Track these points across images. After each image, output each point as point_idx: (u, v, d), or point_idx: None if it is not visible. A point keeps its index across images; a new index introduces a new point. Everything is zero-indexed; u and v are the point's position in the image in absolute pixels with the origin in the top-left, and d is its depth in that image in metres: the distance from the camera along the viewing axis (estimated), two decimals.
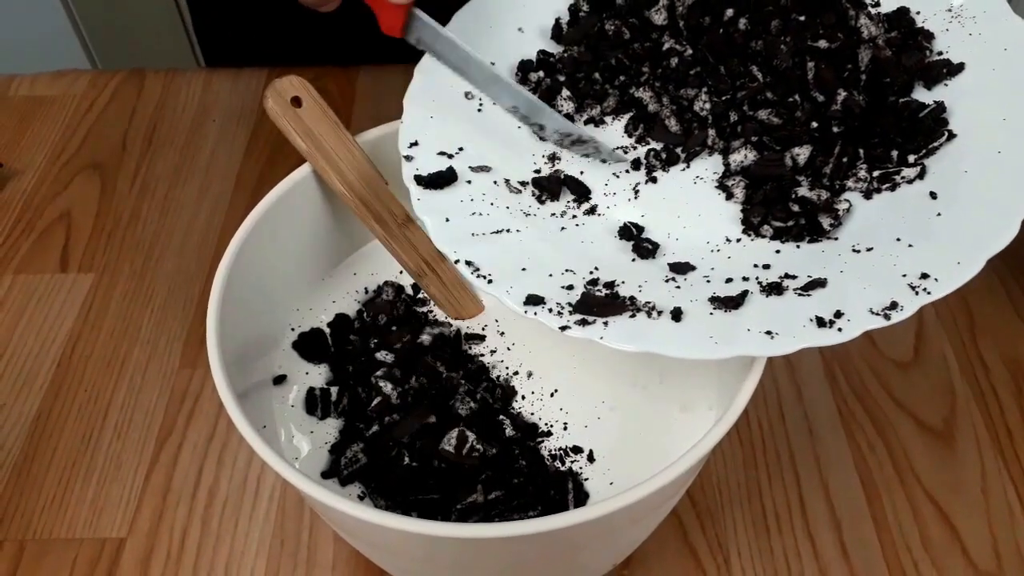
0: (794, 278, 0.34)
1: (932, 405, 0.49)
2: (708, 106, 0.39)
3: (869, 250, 0.33)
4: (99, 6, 1.09)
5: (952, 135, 0.36)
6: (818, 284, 0.33)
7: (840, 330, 0.30)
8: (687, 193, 0.38)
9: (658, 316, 0.33)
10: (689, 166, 0.39)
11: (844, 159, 0.36)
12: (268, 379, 0.40)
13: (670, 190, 0.39)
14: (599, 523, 0.30)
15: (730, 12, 0.40)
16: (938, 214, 0.33)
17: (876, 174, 0.36)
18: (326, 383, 0.41)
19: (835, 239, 0.35)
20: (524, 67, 0.42)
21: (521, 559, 0.34)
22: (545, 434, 0.38)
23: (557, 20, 0.44)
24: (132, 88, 0.71)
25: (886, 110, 0.37)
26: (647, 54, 0.41)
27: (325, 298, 0.44)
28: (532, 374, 0.41)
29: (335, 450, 0.38)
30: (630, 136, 0.40)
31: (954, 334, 0.52)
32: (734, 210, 0.37)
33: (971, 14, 0.39)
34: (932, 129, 0.36)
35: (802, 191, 0.36)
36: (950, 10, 0.40)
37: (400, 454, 0.37)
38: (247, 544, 0.44)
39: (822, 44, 0.38)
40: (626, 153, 0.40)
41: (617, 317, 0.33)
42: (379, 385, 0.38)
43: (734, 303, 0.33)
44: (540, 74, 0.42)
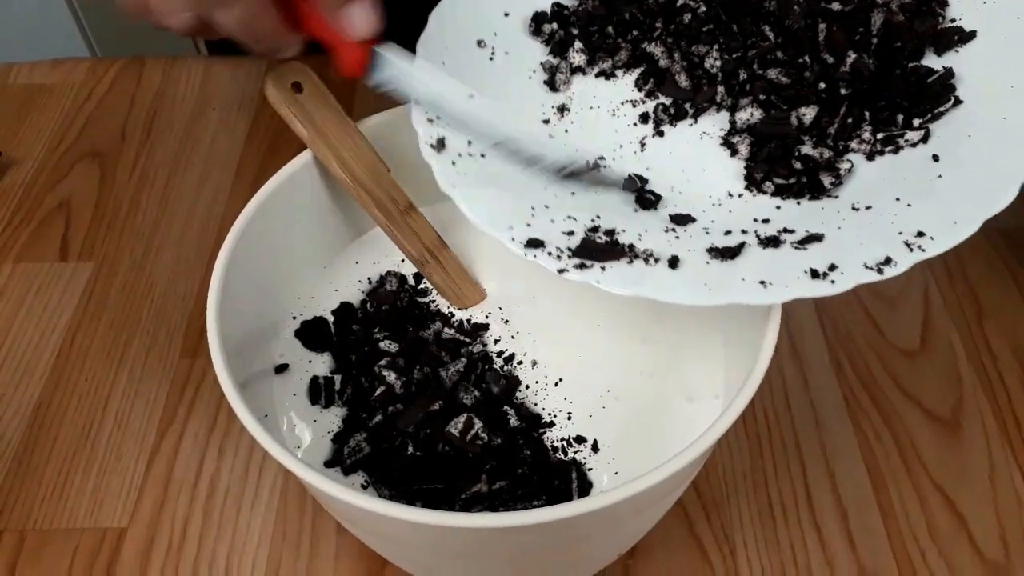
0: (792, 232, 0.34)
1: (939, 394, 0.49)
2: (719, 63, 0.39)
3: (868, 208, 0.34)
4: None
5: (959, 101, 0.36)
6: (815, 238, 0.33)
7: (833, 282, 0.31)
8: (692, 148, 0.39)
9: (655, 263, 0.33)
10: (696, 122, 0.39)
11: (849, 120, 0.36)
12: (270, 368, 0.40)
13: (676, 144, 0.39)
14: (604, 513, 0.30)
15: None
16: (939, 176, 0.34)
17: (880, 136, 0.36)
18: (329, 372, 0.40)
19: (835, 197, 0.35)
20: (538, 19, 0.42)
21: (525, 549, 0.33)
22: (548, 424, 0.38)
23: None
24: (131, 76, 0.71)
25: (894, 74, 0.37)
26: (661, 10, 0.41)
27: (327, 286, 0.43)
28: (536, 363, 0.40)
29: (338, 439, 0.38)
30: (640, 90, 0.41)
31: (961, 322, 0.52)
32: (738, 166, 0.38)
33: None
34: (939, 94, 0.36)
35: (805, 149, 0.36)
36: None
37: (404, 444, 0.36)
38: (249, 534, 0.44)
39: (835, 6, 0.39)
40: (634, 107, 0.40)
41: (615, 263, 0.33)
42: (383, 374, 0.38)
43: (731, 253, 0.33)
44: (554, 26, 0.42)
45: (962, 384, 0.49)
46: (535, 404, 0.39)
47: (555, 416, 0.38)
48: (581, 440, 0.38)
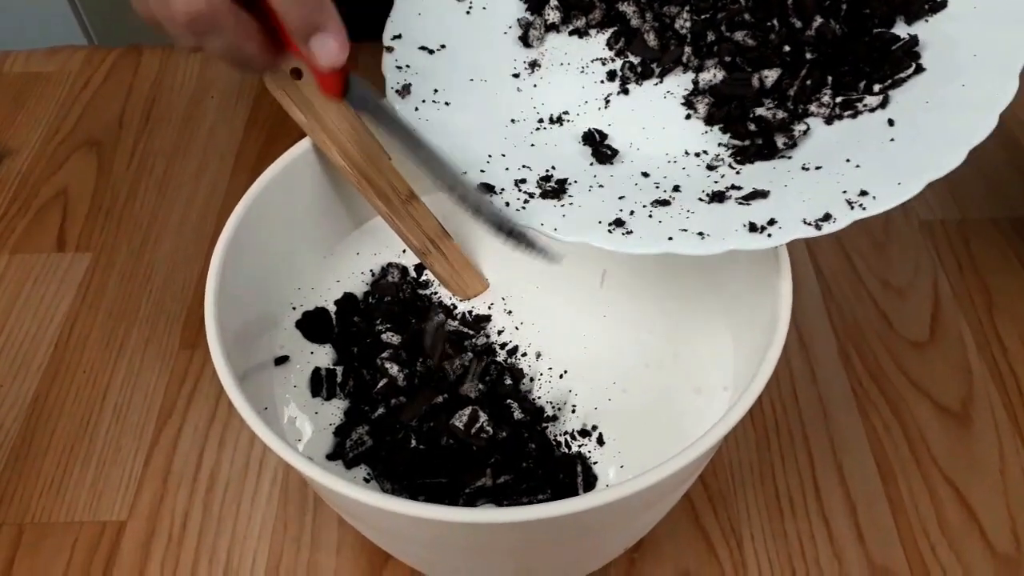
0: (739, 189, 0.35)
1: (949, 385, 0.48)
2: (688, 24, 0.40)
3: (818, 168, 0.34)
4: None
5: (921, 68, 0.36)
6: (759, 195, 0.33)
7: (770, 235, 0.31)
8: (655, 106, 0.40)
9: (602, 213, 0.34)
10: (662, 81, 0.40)
11: (808, 82, 0.37)
12: (270, 360, 0.39)
13: (639, 103, 0.40)
14: (610, 508, 0.29)
15: None
16: (891, 139, 0.34)
17: (839, 100, 0.36)
18: (330, 364, 0.40)
19: (788, 158, 0.36)
20: None
21: (529, 544, 0.33)
22: (553, 417, 0.37)
23: None
24: (129, 64, 0.70)
25: (859, 40, 0.37)
26: None
27: (328, 277, 0.43)
28: (541, 355, 0.40)
29: (340, 432, 0.37)
30: (611, 49, 0.42)
31: (971, 313, 0.51)
32: (697, 125, 0.38)
33: None
34: (900, 60, 0.36)
35: (760, 111, 0.37)
36: None
37: (407, 437, 0.36)
38: (249, 527, 0.43)
39: None
40: (603, 64, 0.41)
41: (560, 210, 0.34)
42: (385, 367, 0.37)
43: (664, 205, 0.34)
44: None
45: (972, 376, 0.48)
46: (539, 397, 0.38)
47: (560, 409, 0.38)
48: (586, 433, 0.37)
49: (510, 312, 0.41)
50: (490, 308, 0.42)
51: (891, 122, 0.35)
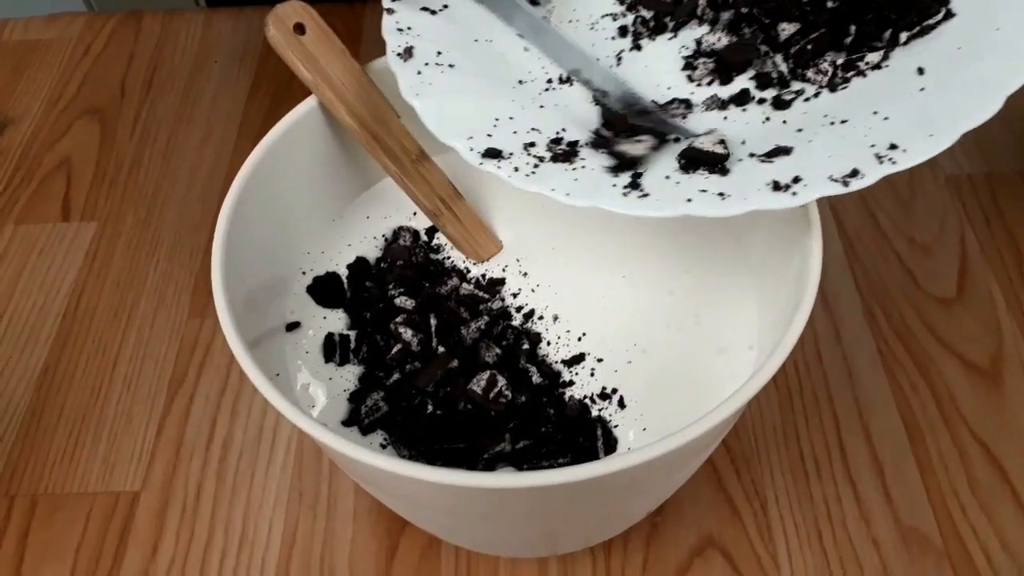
0: (760, 146, 0.33)
1: (978, 343, 0.47)
2: None
3: (844, 122, 0.32)
4: None
5: (951, 14, 0.34)
6: (783, 151, 0.32)
7: (795, 194, 0.30)
8: (669, 62, 0.37)
9: (615, 176, 0.32)
10: (676, 35, 0.38)
11: (809, 47, 0.35)
12: (281, 326, 0.38)
13: (653, 59, 0.38)
14: (632, 472, 0.28)
15: None
16: (921, 89, 0.32)
17: (840, 62, 0.34)
18: (343, 329, 0.39)
19: (804, 114, 0.34)
20: None
21: (549, 509, 0.32)
22: (570, 382, 0.36)
23: None
24: (129, 30, 0.68)
25: None
26: None
27: (338, 241, 0.41)
28: (558, 317, 0.38)
29: (354, 398, 0.36)
30: (621, 3, 0.40)
31: (999, 269, 0.50)
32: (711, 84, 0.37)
33: None
34: (928, 6, 0.34)
35: (769, 68, 0.35)
36: None
37: (423, 402, 0.35)
38: (264, 496, 0.43)
39: None
40: (614, 20, 0.39)
41: (572, 172, 0.32)
42: (399, 332, 0.36)
43: (688, 166, 0.32)
44: None
45: (1002, 333, 0.47)
46: (557, 361, 0.37)
47: (578, 372, 0.37)
48: (606, 396, 0.36)
49: (525, 274, 0.40)
50: (504, 270, 0.40)
51: (920, 70, 0.33)
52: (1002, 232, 0.51)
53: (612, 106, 0.36)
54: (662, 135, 0.34)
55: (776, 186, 0.30)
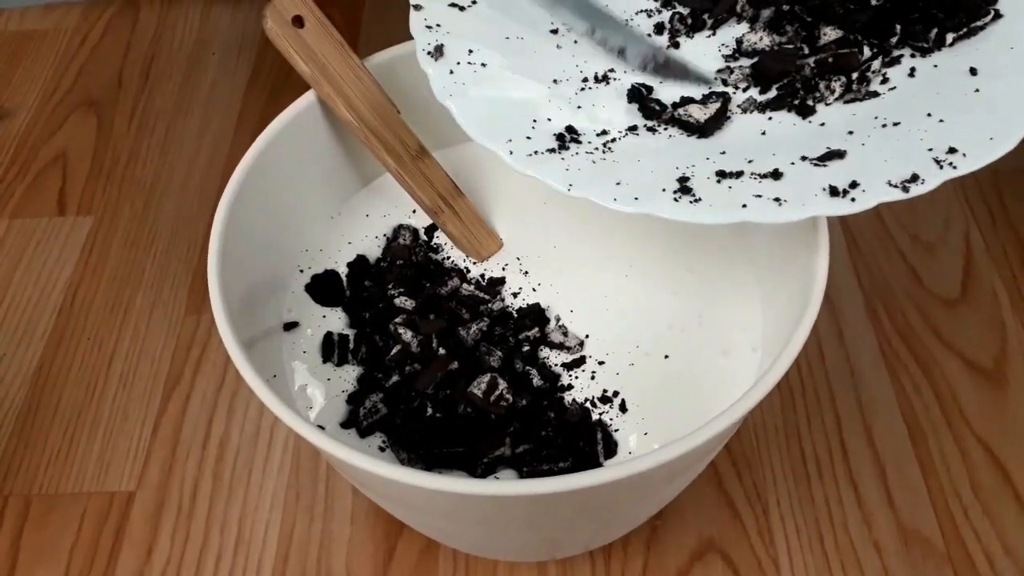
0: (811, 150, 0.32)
1: (981, 343, 0.46)
2: None
3: (896, 125, 0.31)
4: None
5: (999, 15, 0.33)
6: (836, 155, 0.31)
7: (854, 200, 0.29)
8: (709, 62, 0.36)
9: (664, 181, 0.31)
10: (715, 33, 0.37)
11: (830, 59, 0.34)
12: (278, 325, 0.38)
13: (692, 57, 0.36)
14: (632, 481, 0.28)
15: None
16: (976, 90, 0.31)
17: (855, 76, 0.34)
18: (342, 329, 0.38)
19: (853, 115, 0.33)
20: None
21: (548, 515, 0.32)
22: (569, 386, 0.36)
23: None
24: (126, 21, 0.67)
25: None
26: None
27: (336, 238, 0.41)
28: (560, 318, 0.38)
29: (353, 400, 0.35)
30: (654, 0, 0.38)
31: (1004, 268, 0.49)
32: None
33: None
34: (976, 6, 0.33)
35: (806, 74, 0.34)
36: None
37: (423, 405, 0.34)
38: (261, 497, 0.42)
39: None
40: (649, 17, 0.38)
41: (620, 180, 0.31)
42: (398, 333, 0.36)
43: (736, 173, 0.31)
44: None
45: (1006, 333, 0.47)
46: (558, 364, 0.37)
47: (577, 376, 0.36)
48: (607, 400, 0.35)
49: (526, 273, 0.40)
50: (504, 269, 0.40)
51: (974, 71, 0.32)
52: (1007, 231, 0.51)
53: (633, 63, 0.35)
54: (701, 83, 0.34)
55: (833, 191, 0.29)
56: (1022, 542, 0.40)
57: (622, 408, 0.35)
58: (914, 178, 0.29)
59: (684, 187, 0.30)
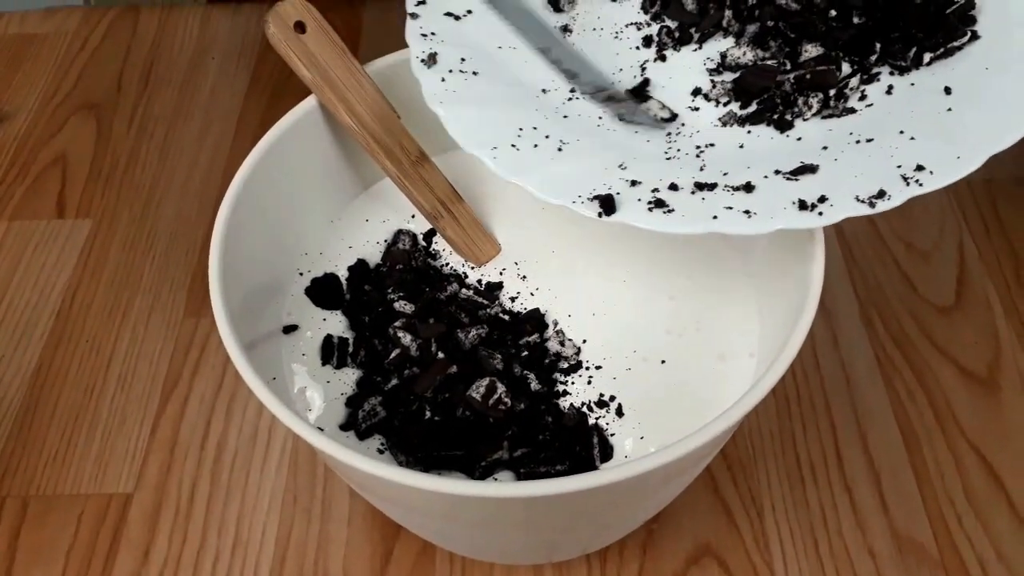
0: (786, 163, 0.33)
1: (975, 351, 0.47)
2: None
3: (869, 141, 0.32)
4: None
5: (976, 36, 0.34)
6: (808, 169, 0.32)
7: (821, 214, 0.30)
8: (694, 75, 0.37)
9: (641, 190, 0.32)
10: (701, 47, 0.38)
11: (808, 75, 0.35)
12: (278, 328, 0.38)
13: (678, 70, 0.38)
14: (629, 484, 0.28)
15: None
16: (948, 109, 0.32)
17: (832, 92, 0.34)
18: (342, 332, 0.38)
19: (829, 130, 0.34)
20: None
21: (545, 518, 0.32)
22: (565, 393, 0.36)
23: None
24: (126, 25, 0.68)
25: (910, 3, 0.35)
26: None
27: (337, 242, 0.41)
28: (557, 323, 0.38)
29: (352, 403, 0.36)
30: (646, 12, 0.39)
31: (998, 276, 0.50)
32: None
33: None
34: (954, 28, 0.34)
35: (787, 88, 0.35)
36: None
37: (421, 408, 0.34)
38: (259, 498, 0.42)
39: None
40: (639, 29, 0.39)
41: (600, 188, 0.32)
42: (397, 336, 0.36)
43: (711, 185, 0.32)
44: None
45: (999, 340, 0.47)
46: (556, 368, 0.37)
47: (573, 382, 0.36)
48: (604, 404, 0.36)
49: (524, 277, 0.40)
50: (502, 274, 0.40)
51: (947, 90, 0.33)
52: (1001, 239, 0.51)
53: (583, 88, 0.36)
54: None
55: (802, 205, 0.30)
56: (1015, 548, 0.40)
57: (619, 412, 0.35)
58: (881, 194, 0.30)
59: (658, 199, 0.31)
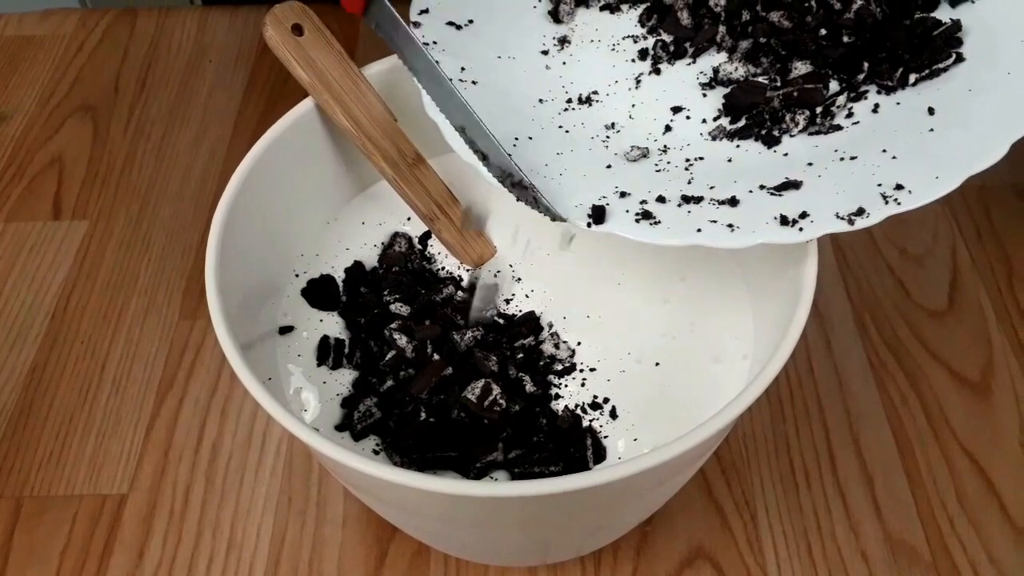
0: (771, 179, 0.33)
1: (968, 356, 0.47)
2: (723, 2, 0.38)
3: (853, 159, 0.33)
4: None
5: (961, 58, 0.35)
6: (792, 185, 0.32)
7: (801, 230, 0.30)
8: (687, 89, 0.38)
9: (629, 202, 0.33)
10: (695, 61, 0.39)
11: (795, 93, 0.35)
12: (273, 329, 0.38)
13: (671, 83, 0.38)
14: (620, 484, 0.28)
15: None
16: (931, 129, 0.33)
17: (819, 110, 0.35)
18: (337, 334, 0.38)
19: (815, 147, 0.34)
20: None
21: (539, 518, 0.32)
22: (557, 396, 0.36)
23: None
24: (124, 27, 0.68)
25: (900, 24, 0.36)
26: None
27: (334, 243, 0.41)
28: (552, 325, 0.38)
29: (347, 404, 0.36)
30: (643, 26, 0.40)
31: (990, 282, 0.50)
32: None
33: None
34: (940, 49, 0.35)
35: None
36: None
37: (416, 410, 0.35)
38: (253, 500, 0.42)
39: None
40: (635, 43, 0.40)
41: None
42: (393, 338, 0.36)
43: (697, 199, 0.32)
44: None
45: (992, 346, 0.47)
46: (551, 370, 0.37)
47: (567, 385, 0.36)
48: (597, 406, 0.36)
49: (519, 280, 0.40)
50: (496, 276, 0.40)
51: (931, 111, 0.33)
52: (993, 245, 0.52)
53: (492, 171, 0.34)
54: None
55: (784, 220, 0.31)
56: (1007, 551, 0.40)
57: (612, 415, 0.35)
58: (860, 211, 0.30)
59: (645, 210, 0.32)
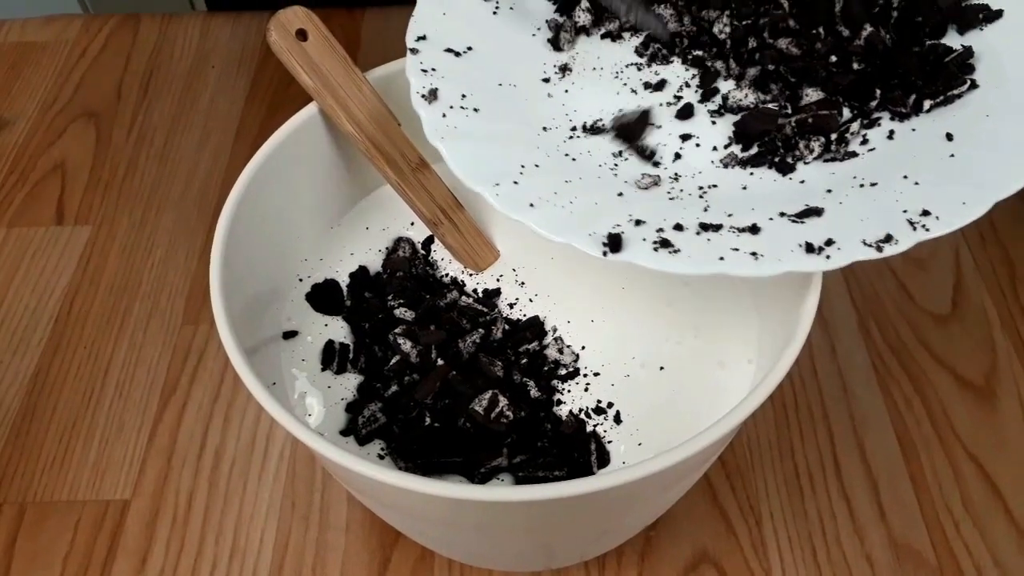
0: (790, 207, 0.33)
1: (972, 360, 0.47)
2: (728, 29, 0.37)
3: (873, 185, 0.32)
4: None
5: (975, 85, 0.34)
6: (814, 212, 0.32)
7: (828, 257, 0.30)
8: (695, 116, 0.37)
9: (645, 230, 0.32)
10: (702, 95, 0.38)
11: (810, 119, 0.35)
12: (278, 334, 0.38)
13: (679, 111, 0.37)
14: (625, 489, 0.28)
15: None
16: (951, 155, 0.32)
17: (833, 137, 0.34)
18: (342, 338, 0.38)
19: (832, 174, 0.34)
20: None
21: (544, 523, 0.32)
22: (559, 402, 0.36)
23: None
24: (126, 33, 0.68)
25: (911, 51, 0.35)
26: None
27: (338, 248, 0.41)
28: (556, 330, 0.38)
29: (352, 408, 0.36)
30: (640, 56, 0.39)
31: (994, 286, 0.50)
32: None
33: None
34: (953, 76, 0.34)
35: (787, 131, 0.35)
36: None
37: (421, 415, 0.34)
38: (256, 506, 0.42)
39: None
40: (639, 70, 0.39)
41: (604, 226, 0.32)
42: (398, 343, 0.36)
43: (716, 226, 0.32)
44: None
45: (996, 350, 0.47)
46: (555, 375, 0.37)
47: (570, 390, 0.36)
48: (601, 411, 0.36)
49: (523, 284, 0.40)
50: (499, 280, 0.40)
51: (950, 136, 0.33)
52: (996, 249, 0.52)
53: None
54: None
55: (809, 248, 0.30)
56: (1012, 555, 0.40)
57: (617, 419, 0.35)
58: (888, 238, 0.30)
59: (663, 238, 0.31)
